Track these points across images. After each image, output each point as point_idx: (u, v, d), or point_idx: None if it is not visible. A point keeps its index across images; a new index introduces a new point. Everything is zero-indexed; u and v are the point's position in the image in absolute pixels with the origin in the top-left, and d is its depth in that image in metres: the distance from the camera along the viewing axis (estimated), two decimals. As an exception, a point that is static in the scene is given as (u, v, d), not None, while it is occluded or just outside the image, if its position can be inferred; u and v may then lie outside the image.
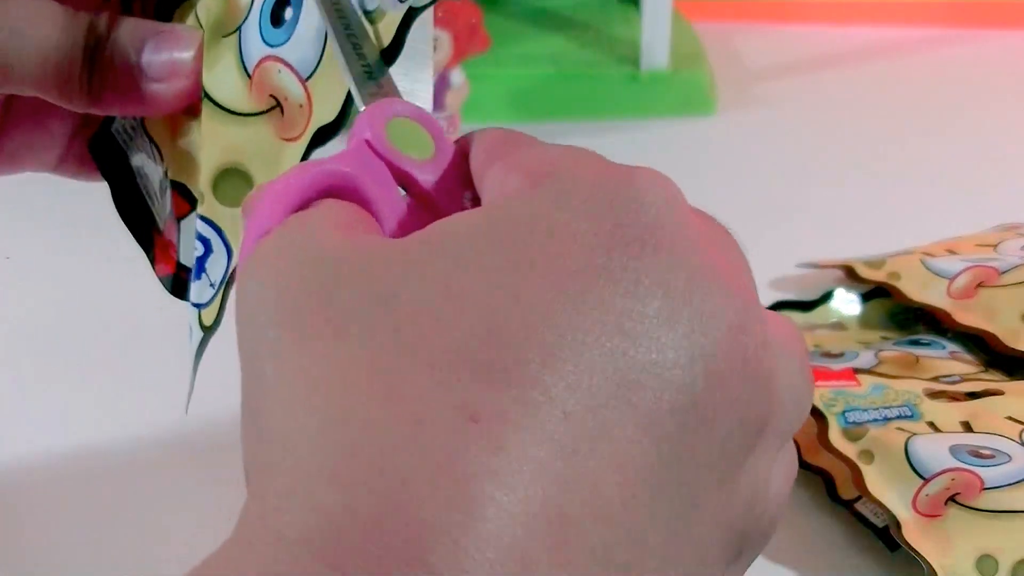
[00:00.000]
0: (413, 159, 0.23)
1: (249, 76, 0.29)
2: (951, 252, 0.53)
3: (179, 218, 0.31)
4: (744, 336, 0.21)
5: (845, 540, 0.41)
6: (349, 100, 0.27)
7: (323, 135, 0.28)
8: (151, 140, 0.32)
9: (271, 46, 0.29)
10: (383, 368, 0.19)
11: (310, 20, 0.28)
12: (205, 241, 0.30)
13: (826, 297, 0.55)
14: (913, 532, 0.38)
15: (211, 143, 0.30)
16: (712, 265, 0.21)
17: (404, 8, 0.27)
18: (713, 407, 0.20)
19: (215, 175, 0.29)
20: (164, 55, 0.30)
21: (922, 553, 0.37)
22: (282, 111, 0.29)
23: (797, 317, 0.54)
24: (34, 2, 0.30)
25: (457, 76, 0.71)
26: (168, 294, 0.33)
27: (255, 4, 0.29)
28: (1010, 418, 0.41)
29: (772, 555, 0.40)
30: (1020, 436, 0.40)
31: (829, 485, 0.43)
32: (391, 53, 0.27)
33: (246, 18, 0.29)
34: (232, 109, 0.29)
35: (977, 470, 0.38)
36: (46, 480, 0.45)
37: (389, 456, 0.18)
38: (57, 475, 0.45)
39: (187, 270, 0.31)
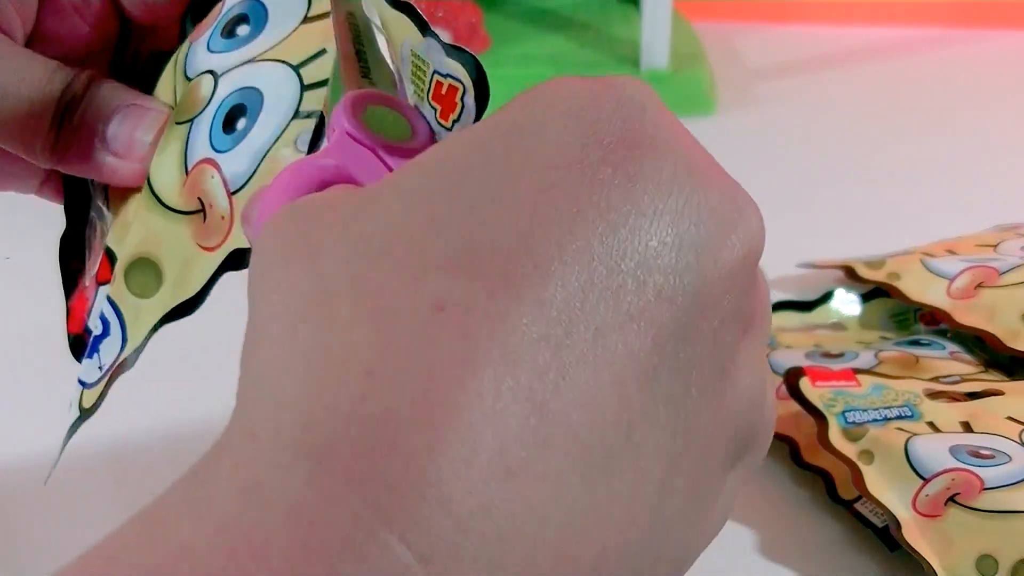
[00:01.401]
0: (393, 142, 0.24)
1: (187, 173, 0.29)
2: (951, 252, 0.53)
3: (100, 283, 0.31)
4: (739, 227, 0.20)
5: (845, 540, 0.41)
6: None
7: (237, 260, 0.27)
8: (106, 198, 0.32)
9: (215, 150, 0.28)
10: (356, 278, 0.19)
11: (261, 135, 0.28)
12: (105, 322, 0.29)
13: (826, 297, 0.55)
14: (913, 532, 0.38)
15: (137, 227, 0.29)
16: (699, 157, 0.21)
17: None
18: (707, 296, 0.20)
19: (131, 260, 0.29)
20: (126, 131, 0.29)
21: (922, 553, 0.37)
22: (205, 217, 0.28)
23: (797, 317, 0.54)
24: (17, 56, 0.29)
25: (457, 76, 0.70)
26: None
27: (213, 101, 0.29)
28: (1010, 418, 0.41)
29: (772, 555, 0.40)
30: (1020, 436, 0.40)
31: (829, 485, 0.43)
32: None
33: (202, 111, 0.29)
34: (163, 200, 0.29)
35: (977, 470, 0.38)
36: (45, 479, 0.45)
37: (355, 350, 0.18)
38: (57, 474, 0.45)
39: (90, 333, 0.31)
